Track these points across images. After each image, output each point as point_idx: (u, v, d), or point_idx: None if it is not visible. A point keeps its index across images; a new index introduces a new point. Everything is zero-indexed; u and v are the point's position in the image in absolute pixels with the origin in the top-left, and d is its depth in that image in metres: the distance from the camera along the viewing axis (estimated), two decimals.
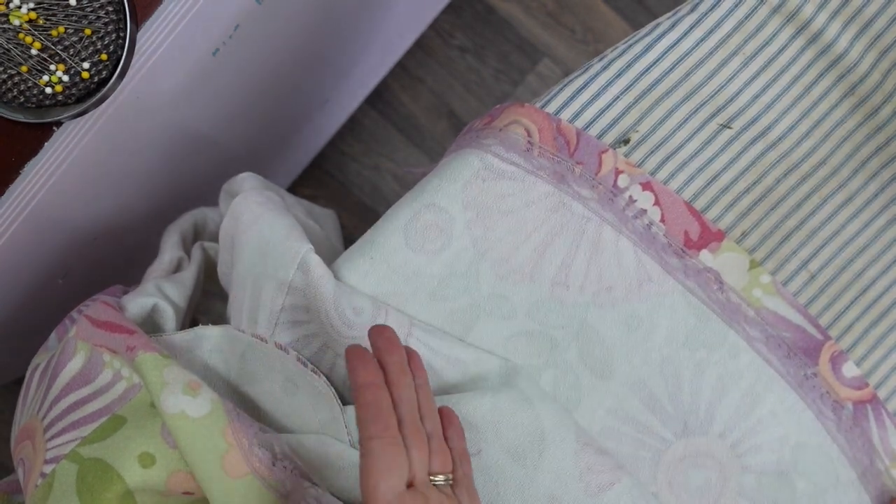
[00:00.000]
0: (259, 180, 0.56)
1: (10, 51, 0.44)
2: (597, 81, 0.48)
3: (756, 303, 0.47)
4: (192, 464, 0.43)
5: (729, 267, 0.48)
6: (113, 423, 0.46)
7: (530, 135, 0.47)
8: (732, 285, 0.47)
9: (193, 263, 0.58)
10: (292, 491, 0.43)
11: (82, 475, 0.44)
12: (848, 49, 0.49)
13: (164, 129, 0.61)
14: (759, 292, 0.48)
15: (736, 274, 0.48)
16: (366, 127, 1.05)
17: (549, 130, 0.47)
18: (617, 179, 0.47)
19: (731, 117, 0.49)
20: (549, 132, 0.47)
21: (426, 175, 0.49)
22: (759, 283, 0.48)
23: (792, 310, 0.48)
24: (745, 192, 0.50)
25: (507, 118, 0.48)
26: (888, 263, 0.51)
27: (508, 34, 1.05)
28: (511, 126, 0.48)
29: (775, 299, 0.48)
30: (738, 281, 0.48)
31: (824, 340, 0.47)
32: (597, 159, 0.48)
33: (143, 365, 0.44)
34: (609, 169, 0.47)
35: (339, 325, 0.45)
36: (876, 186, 0.51)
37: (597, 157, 0.48)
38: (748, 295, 0.47)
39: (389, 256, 0.48)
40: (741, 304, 0.47)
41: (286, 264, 0.47)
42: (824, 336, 0.48)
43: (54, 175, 0.50)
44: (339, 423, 0.47)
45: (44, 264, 0.61)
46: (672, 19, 0.49)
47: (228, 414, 0.43)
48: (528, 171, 0.47)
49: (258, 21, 0.60)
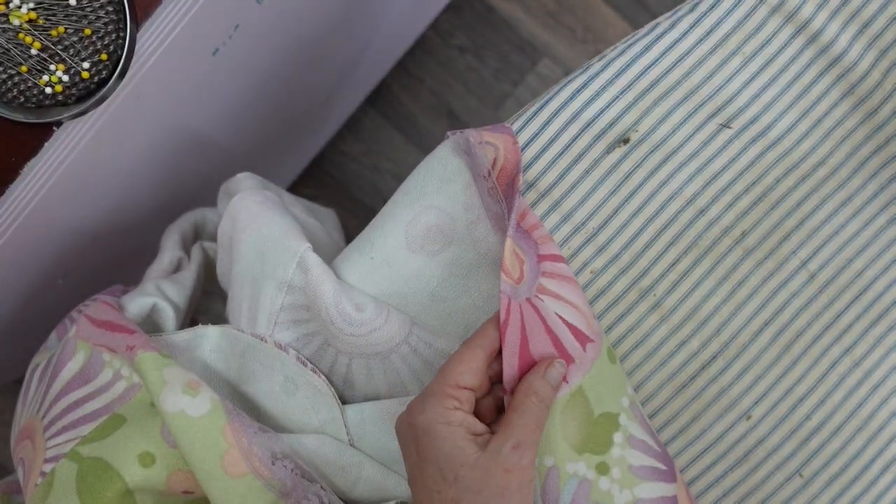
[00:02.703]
0: (257, 180, 0.56)
1: (10, 51, 0.44)
2: (596, 81, 0.48)
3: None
4: (191, 463, 0.43)
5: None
6: (113, 422, 0.46)
7: (494, 164, 0.46)
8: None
9: (193, 263, 0.58)
10: (293, 489, 0.43)
11: (82, 474, 0.44)
12: (847, 48, 0.49)
13: (164, 130, 0.61)
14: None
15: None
16: (366, 127, 1.06)
17: (510, 173, 0.46)
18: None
19: (731, 117, 0.49)
20: (509, 175, 0.46)
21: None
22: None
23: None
24: (744, 192, 0.50)
25: (490, 139, 0.46)
26: (888, 263, 0.51)
27: (508, 34, 1.05)
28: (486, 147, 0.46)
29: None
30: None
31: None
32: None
33: (142, 364, 0.44)
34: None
35: (339, 323, 0.45)
36: (875, 186, 0.51)
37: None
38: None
39: (390, 256, 0.48)
40: None
41: (285, 263, 0.47)
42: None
43: (54, 175, 0.50)
44: (339, 423, 0.47)
45: (44, 264, 0.61)
46: (671, 19, 0.49)
47: (228, 414, 0.43)
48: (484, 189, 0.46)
49: (258, 21, 0.60)
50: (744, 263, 0.50)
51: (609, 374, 0.44)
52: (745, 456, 0.50)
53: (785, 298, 0.50)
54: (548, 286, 0.44)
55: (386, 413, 0.47)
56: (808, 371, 0.50)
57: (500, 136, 0.46)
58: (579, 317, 0.43)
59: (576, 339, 0.43)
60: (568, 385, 0.42)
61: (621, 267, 0.49)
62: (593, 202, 0.49)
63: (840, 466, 0.50)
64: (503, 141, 0.46)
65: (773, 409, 0.50)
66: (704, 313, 0.49)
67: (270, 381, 0.48)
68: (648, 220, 0.49)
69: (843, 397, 0.50)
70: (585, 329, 0.43)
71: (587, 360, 0.42)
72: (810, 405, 0.50)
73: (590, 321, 0.43)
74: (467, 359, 0.40)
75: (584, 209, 0.48)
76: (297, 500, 0.43)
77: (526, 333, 0.42)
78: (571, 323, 0.43)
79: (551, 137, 0.48)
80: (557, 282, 0.44)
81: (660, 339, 0.49)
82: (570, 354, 0.42)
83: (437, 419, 0.38)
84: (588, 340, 0.43)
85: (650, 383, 0.49)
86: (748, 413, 0.50)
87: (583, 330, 0.43)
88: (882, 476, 0.50)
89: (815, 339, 0.50)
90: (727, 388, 0.50)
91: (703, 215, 0.49)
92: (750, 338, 0.50)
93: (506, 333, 0.41)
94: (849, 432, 0.50)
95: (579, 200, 0.48)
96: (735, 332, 0.50)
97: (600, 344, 0.43)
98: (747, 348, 0.50)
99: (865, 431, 0.50)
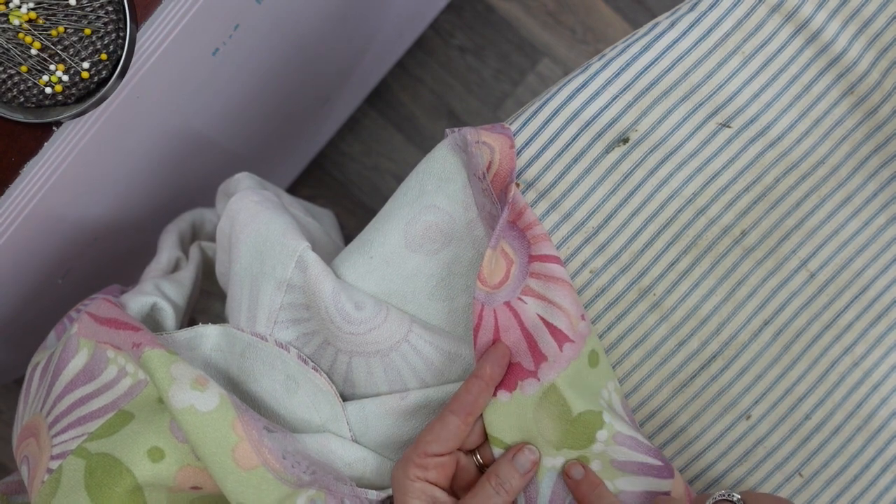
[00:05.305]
0: (255, 180, 0.56)
1: (10, 51, 0.44)
2: (596, 80, 0.48)
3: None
4: (203, 457, 0.43)
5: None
6: (120, 418, 0.46)
7: (489, 167, 0.46)
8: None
9: (192, 263, 0.58)
10: (313, 483, 0.44)
11: (91, 470, 0.44)
12: (847, 48, 0.49)
13: (164, 129, 0.61)
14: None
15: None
16: (366, 127, 1.06)
17: (505, 178, 0.46)
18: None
19: (730, 116, 0.49)
20: (504, 180, 0.46)
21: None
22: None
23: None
24: (744, 191, 0.50)
25: (487, 140, 0.47)
26: (887, 262, 0.51)
27: (508, 34, 1.05)
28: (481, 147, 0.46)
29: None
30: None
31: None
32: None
33: (150, 361, 0.44)
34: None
35: (339, 321, 0.45)
36: (875, 185, 0.51)
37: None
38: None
39: (389, 255, 0.48)
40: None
41: (284, 262, 0.47)
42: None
43: (54, 175, 0.50)
44: (341, 420, 0.47)
45: (44, 264, 0.61)
46: (671, 18, 0.49)
47: (237, 408, 0.44)
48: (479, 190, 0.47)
49: (258, 21, 0.60)
50: (743, 262, 0.50)
51: (587, 376, 0.45)
52: (744, 455, 0.50)
53: (785, 297, 0.50)
54: (534, 287, 0.45)
55: (387, 408, 0.47)
56: (807, 370, 0.50)
57: (497, 137, 0.46)
58: (562, 317, 0.44)
59: (553, 338, 0.44)
60: (539, 382, 0.43)
61: (621, 266, 0.49)
62: (593, 201, 0.49)
63: (840, 466, 0.50)
64: (500, 144, 0.46)
65: (772, 408, 0.50)
66: (704, 312, 0.49)
67: (271, 379, 0.48)
68: (648, 220, 0.49)
69: (843, 397, 0.50)
70: (566, 329, 0.44)
71: (563, 359, 0.43)
72: (810, 404, 0.50)
73: (573, 322, 0.44)
74: (437, 427, 0.43)
75: (584, 208, 0.48)
76: (323, 486, 0.44)
77: (500, 335, 0.44)
78: (551, 322, 0.44)
79: (551, 137, 0.48)
80: (544, 283, 0.45)
81: (659, 338, 0.49)
82: (543, 353, 0.43)
83: (405, 484, 0.42)
84: (567, 340, 0.44)
85: (649, 382, 0.49)
86: (748, 412, 0.50)
87: (563, 330, 0.44)
88: (882, 476, 0.50)
89: (815, 339, 0.50)
90: (727, 388, 0.50)
91: (702, 214, 0.49)
92: (749, 337, 0.50)
93: (477, 336, 0.44)
94: (849, 432, 0.50)
95: (579, 200, 0.48)
96: (735, 332, 0.50)
97: (581, 346, 0.44)
98: (747, 347, 0.50)
99: (865, 431, 0.50)
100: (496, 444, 0.45)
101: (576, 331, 0.44)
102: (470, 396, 0.43)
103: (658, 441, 0.49)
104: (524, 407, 0.43)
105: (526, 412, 0.43)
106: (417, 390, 0.47)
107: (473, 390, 0.43)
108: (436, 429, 0.43)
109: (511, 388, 0.44)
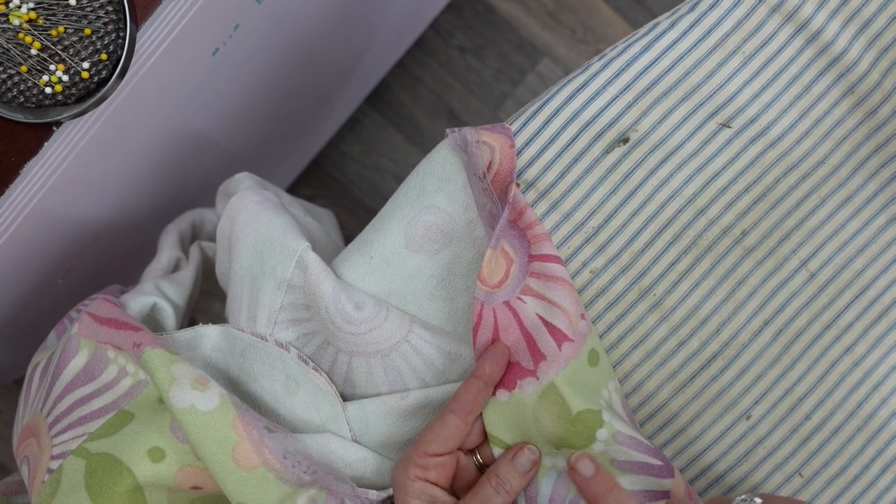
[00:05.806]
0: (255, 180, 0.56)
1: (10, 51, 0.44)
2: (596, 80, 0.48)
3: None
4: (203, 457, 0.43)
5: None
6: (120, 418, 0.46)
7: (490, 167, 0.46)
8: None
9: (192, 263, 0.58)
10: (314, 482, 0.44)
11: (91, 470, 0.44)
12: (847, 48, 0.49)
13: (165, 129, 0.61)
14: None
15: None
16: (366, 127, 1.06)
17: (505, 178, 0.46)
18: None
19: (731, 116, 0.49)
20: (504, 180, 0.46)
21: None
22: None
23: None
24: (744, 191, 0.50)
25: (486, 139, 0.47)
26: (888, 262, 0.51)
27: (508, 34, 1.05)
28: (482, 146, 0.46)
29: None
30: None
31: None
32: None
33: (150, 361, 0.44)
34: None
35: (339, 321, 0.45)
36: (875, 185, 0.51)
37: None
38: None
39: (389, 256, 0.48)
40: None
41: (284, 262, 0.47)
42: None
43: (54, 175, 0.50)
44: (341, 420, 0.47)
45: (44, 264, 0.61)
46: (671, 18, 0.49)
47: (237, 408, 0.44)
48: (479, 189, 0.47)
49: (258, 21, 0.60)
50: (743, 263, 0.50)
51: (587, 375, 0.45)
52: (744, 455, 0.50)
53: (785, 298, 0.50)
54: (533, 286, 0.45)
55: (387, 408, 0.47)
56: (807, 370, 0.50)
57: (497, 137, 0.46)
58: (562, 317, 0.44)
59: (553, 337, 0.44)
60: (538, 381, 0.43)
61: (621, 266, 0.49)
62: (593, 201, 0.49)
63: (840, 466, 0.50)
64: (500, 144, 0.46)
65: (772, 408, 0.50)
66: (704, 313, 0.49)
67: (272, 380, 0.48)
68: (648, 220, 0.49)
69: (843, 397, 0.50)
70: (566, 329, 0.44)
71: (562, 357, 0.43)
72: (810, 405, 0.50)
73: (573, 321, 0.44)
74: (437, 427, 0.43)
75: (584, 208, 0.48)
76: (323, 486, 0.44)
77: (499, 335, 0.44)
78: (550, 322, 0.44)
79: (551, 137, 0.48)
80: (543, 282, 0.45)
81: (659, 338, 0.49)
82: (542, 352, 0.44)
83: (405, 484, 0.42)
84: (566, 340, 0.44)
85: (650, 382, 0.49)
86: (748, 412, 0.50)
87: (562, 329, 0.44)
88: (882, 476, 0.50)
89: (815, 339, 0.50)
90: (727, 388, 0.50)
91: (702, 214, 0.49)
92: (750, 337, 0.50)
93: (476, 335, 0.44)
94: (849, 432, 0.50)
95: (579, 200, 0.48)
96: (735, 332, 0.50)
97: (581, 346, 0.44)
98: (747, 347, 0.50)
99: (865, 431, 0.50)
100: (496, 443, 0.45)
101: (575, 330, 0.44)
102: (469, 396, 0.43)
103: (658, 441, 0.49)
104: (523, 406, 0.43)
105: (525, 411, 0.43)
106: (418, 390, 0.47)
107: (473, 389, 0.43)
108: (436, 428, 0.43)
109: (510, 387, 0.44)
